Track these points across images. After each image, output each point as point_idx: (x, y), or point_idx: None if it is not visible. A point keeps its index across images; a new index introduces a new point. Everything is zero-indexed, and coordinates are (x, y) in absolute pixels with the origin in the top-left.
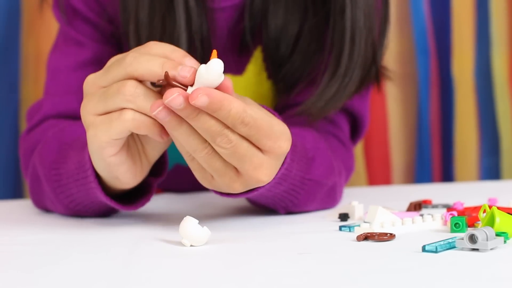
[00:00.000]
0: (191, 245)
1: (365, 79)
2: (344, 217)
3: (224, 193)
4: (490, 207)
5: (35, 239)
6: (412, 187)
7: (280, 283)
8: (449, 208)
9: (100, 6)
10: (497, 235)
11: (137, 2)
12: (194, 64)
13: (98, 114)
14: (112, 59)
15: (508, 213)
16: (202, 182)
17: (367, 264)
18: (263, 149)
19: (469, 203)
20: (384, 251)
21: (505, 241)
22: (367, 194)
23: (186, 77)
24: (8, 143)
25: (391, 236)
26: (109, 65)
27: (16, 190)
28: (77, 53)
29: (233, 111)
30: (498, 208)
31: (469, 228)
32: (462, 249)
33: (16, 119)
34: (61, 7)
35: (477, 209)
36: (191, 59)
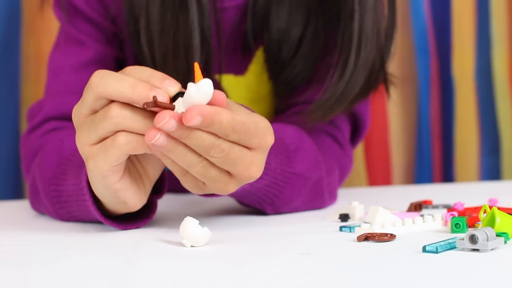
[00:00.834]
0: (191, 246)
1: (372, 84)
2: (344, 217)
3: (208, 194)
4: (490, 207)
5: (35, 240)
6: (413, 187)
7: (281, 283)
8: (450, 208)
9: (103, 6)
10: (498, 235)
11: None
12: (174, 85)
13: (93, 144)
14: None
15: (509, 213)
16: (194, 191)
17: (367, 264)
18: (251, 147)
19: (469, 203)
20: (384, 252)
21: (505, 242)
22: (367, 194)
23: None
24: (9, 144)
25: (392, 237)
26: (84, 89)
27: (16, 191)
28: (78, 53)
29: (223, 122)
30: (499, 208)
31: (469, 229)
32: (463, 249)
33: (16, 119)
34: (62, 6)
35: (477, 209)
36: (170, 81)
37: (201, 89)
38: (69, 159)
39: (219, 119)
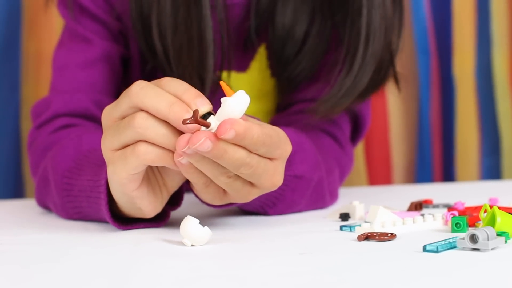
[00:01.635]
0: (192, 245)
1: (382, 79)
2: (345, 217)
3: (225, 204)
4: (491, 207)
5: (35, 239)
6: (413, 187)
7: (281, 282)
8: (450, 208)
9: (108, 3)
10: (498, 235)
11: None
12: (205, 104)
13: (115, 149)
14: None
15: (509, 213)
16: (214, 202)
17: (367, 263)
18: (273, 158)
19: (470, 203)
20: (385, 251)
21: (506, 241)
22: (368, 194)
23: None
24: (9, 143)
25: (392, 236)
26: (121, 95)
27: (16, 190)
28: (84, 50)
29: (255, 137)
30: (499, 208)
31: (470, 228)
32: (463, 249)
33: (17, 119)
34: (68, 4)
35: (478, 209)
36: (203, 100)
37: (239, 100)
38: (86, 156)
39: (251, 134)
